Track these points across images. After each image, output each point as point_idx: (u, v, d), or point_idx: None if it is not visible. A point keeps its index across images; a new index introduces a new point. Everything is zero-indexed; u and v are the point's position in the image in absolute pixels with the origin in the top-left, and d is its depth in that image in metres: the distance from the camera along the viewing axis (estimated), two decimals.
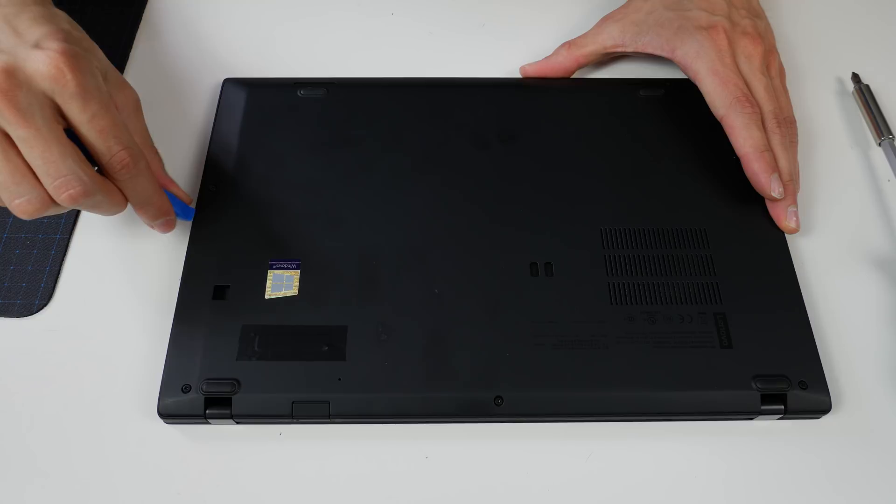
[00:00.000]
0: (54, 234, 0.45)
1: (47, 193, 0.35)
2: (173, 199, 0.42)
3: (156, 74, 0.51)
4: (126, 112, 0.39)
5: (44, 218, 0.45)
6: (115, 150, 0.36)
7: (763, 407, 0.38)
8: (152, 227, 0.42)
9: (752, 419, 0.39)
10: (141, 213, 0.40)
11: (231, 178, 0.44)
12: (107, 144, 0.36)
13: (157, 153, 0.42)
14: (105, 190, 0.37)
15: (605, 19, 0.51)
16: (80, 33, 0.38)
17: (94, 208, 0.38)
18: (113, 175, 0.37)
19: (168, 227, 0.42)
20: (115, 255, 0.44)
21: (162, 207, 0.40)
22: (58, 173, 0.34)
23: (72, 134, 0.36)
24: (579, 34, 0.51)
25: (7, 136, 0.34)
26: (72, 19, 0.39)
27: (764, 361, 0.39)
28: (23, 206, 0.35)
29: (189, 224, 0.43)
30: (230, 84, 0.49)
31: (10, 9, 0.36)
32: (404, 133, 0.46)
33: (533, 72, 0.50)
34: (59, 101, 0.34)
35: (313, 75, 0.50)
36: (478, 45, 0.53)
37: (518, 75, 0.51)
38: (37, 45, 0.34)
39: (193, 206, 0.43)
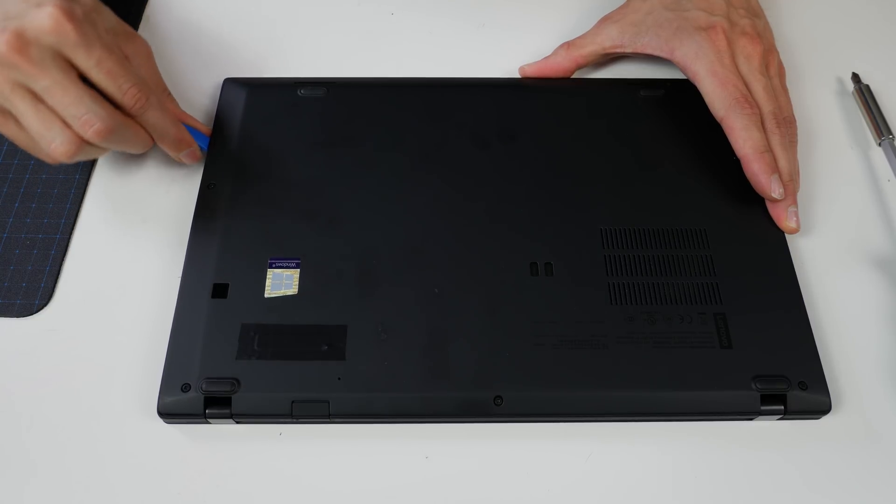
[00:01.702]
0: (54, 234, 0.45)
1: (77, 134, 0.39)
2: (193, 133, 0.45)
3: None
4: (138, 60, 0.43)
5: (44, 217, 0.45)
6: (125, 87, 0.40)
7: (763, 407, 0.38)
8: (179, 159, 0.45)
9: (751, 419, 0.39)
10: (163, 145, 0.44)
11: (231, 178, 0.44)
12: (116, 84, 0.39)
13: (170, 94, 0.46)
14: (127, 124, 0.41)
15: (604, 20, 0.51)
16: None
17: (122, 144, 0.41)
18: (129, 112, 0.41)
19: (193, 157, 0.45)
20: (114, 255, 0.44)
21: (181, 138, 0.44)
22: (79, 112, 0.38)
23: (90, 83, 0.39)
24: (579, 34, 0.51)
25: (31, 91, 0.38)
26: None
27: (764, 362, 0.39)
28: (59, 149, 0.39)
29: (189, 223, 0.43)
30: (230, 84, 0.49)
31: None
32: (404, 132, 0.46)
33: (532, 72, 0.50)
34: (66, 52, 0.38)
35: (313, 75, 0.50)
36: (478, 45, 0.53)
37: (518, 75, 0.51)
38: (39, 5, 0.37)
39: (209, 134, 0.46)
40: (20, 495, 0.37)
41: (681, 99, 0.48)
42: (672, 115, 0.48)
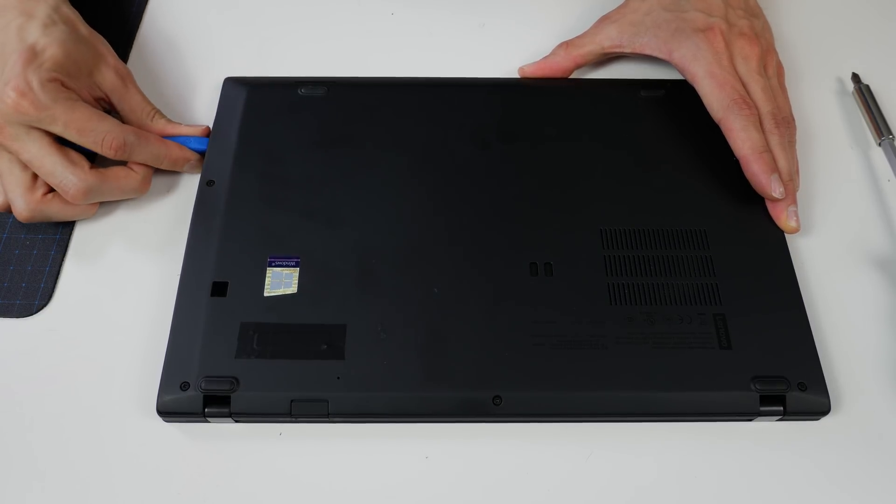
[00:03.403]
0: (54, 234, 0.45)
1: (37, 197, 0.42)
2: (190, 139, 0.46)
3: (156, 74, 0.51)
4: (117, 93, 0.45)
5: None
6: (100, 139, 0.41)
7: (762, 408, 0.38)
8: (183, 172, 0.47)
9: (751, 420, 0.39)
10: (164, 169, 0.45)
11: (231, 176, 0.44)
12: (90, 139, 0.41)
13: (156, 113, 0.46)
14: (106, 179, 0.42)
15: (603, 20, 0.51)
16: (48, 38, 0.41)
17: (111, 196, 0.44)
18: (116, 158, 0.42)
19: (198, 167, 0.46)
20: (114, 255, 0.44)
21: (176, 157, 0.45)
22: (55, 181, 0.41)
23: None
24: (578, 34, 0.51)
25: (20, 159, 0.41)
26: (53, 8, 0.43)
27: (763, 362, 0.39)
28: (19, 209, 0.42)
29: (188, 221, 0.43)
30: (230, 83, 0.49)
31: None
32: (404, 132, 0.46)
33: (531, 72, 0.50)
34: (35, 125, 0.40)
35: (313, 75, 0.50)
36: (478, 45, 0.53)
37: (518, 76, 0.51)
38: (5, 84, 0.39)
39: (206, 134, 0.47)
40: (21, 495, 0.37)
41: (681, 99, 0.48)
42: (672, 115, 0.48)
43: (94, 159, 0.44)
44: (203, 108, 0.50)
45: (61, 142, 0.41)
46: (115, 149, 0.42)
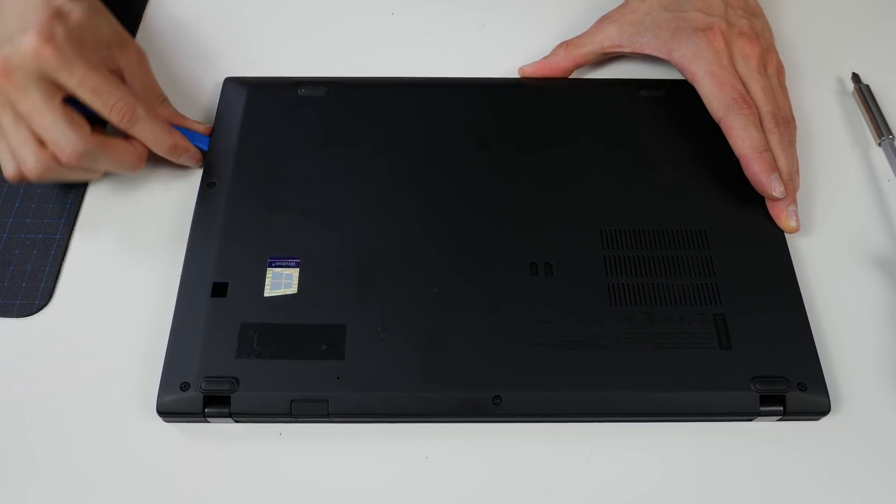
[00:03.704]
0: (54, 235, 0.45)
1: (51, 156, 0.40)
2: (192, 134, 0.46)
3: (156, 74, 0.51)
4: (131, 70, 0.44)
5: (44, 217, 0.45)
6: (111, 103, 0.41)
7: (762, 408, 0.38)
8: (180, 164, 0.46)
9: (750, 420, 0.39)
10: (160, 154, 0.44)
11: (231, 177, 0.44)
12: (101, 100, 0.40)
13: (165, 99, 0.46)
14: (107, 149, 0.42)
15: (603, 19, 0.51)
16: (73, 5, 0.41)
17: (104, 166, 0.43)
18: (118, 126, 0.42)
19: (193, 160, 0.46)
20: (114, 255, 0.44)
21: (176, 144, 0.44)
22: (52, 136, 0.40)
23: (79, 104, 0.41)
24: (578, 34, 0.51)
25: (16, 111, 0.40)
26: None
27: (763, 362, 0.39)
28: (28, 167, 0.40)
29: (189, 222, 0.43)
30: (230, 83, 0.49)
31: None
32: (404, 133, 0.46)
33: (531, 72, 0.50)
34: (51, 73, 0.39)
35: (313, 75, 0.50)
36: (478, 45, 0.53)
37: (518, 76, 0.51)
38: (23, 30, 0.39)
39: (209, 134, 0.47)
40: (21, 494, 0.37)
41: (681, 99, 0.48)
42: (672, 115, 0.48)
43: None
44: (203, 108, 0.49)
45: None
46: (123, 115, 0.41)
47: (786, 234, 0.43)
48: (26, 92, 0.39)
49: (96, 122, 0.42)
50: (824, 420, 0.39)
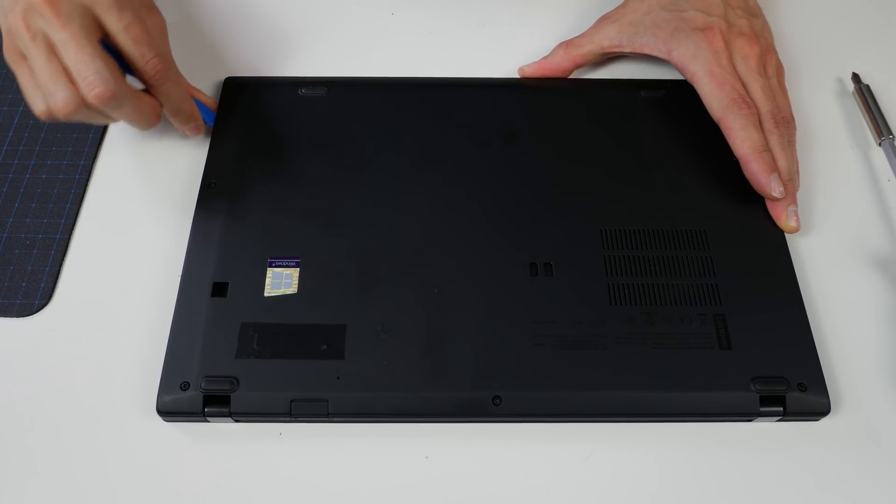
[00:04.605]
0: (54, 234, 0.45)
1: (79, 94, 0.39)
2: (201, 107, 0.46)
3: None
4: (156, 35, 0.43)
5: (44, 217, 0.45)
6: (149, 56, 0.41)
7: (762, 409, 0.38)
8: (184, 131, 0.46)
9: (751, 421, 0.39)
10: (173, 118, 0.45)
11: (231, 177, 0.44)
12: (140, 51, 0.40)
13: (179, 72, 0.45)
14: (133, 98, 0.41)
15: (603, 19, 0.51)
16: None
17: (125, 115, 0.42)
18: (147, 80, 0.42)
19: (197, 131, 0.47)
20: (114, 255, 0.44)
21: (192, 113, 0.45)
22: (87, 72, 0.38)
23: (113, 51, 0.40)
24: (578, 34, 0.51)
25: (50, 43, 0.39)
26: None
27: (763, 363, 0.39)
28: (58, 103, 0.39)
29: (189, 222, 0.43)
30: (231, 83, 0.49)
31: None
32: (404, 133, 0.46)
33: (531, 72, 0.50)
34: (98, 11, 0.39)
35: (313, 75, 0.50)
36: (478, 45, 0.53)
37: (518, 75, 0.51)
38: None
39: (215, 109, 0.48)
40: (21, 494, 0.37)
41: (681, 99, 0.48)
42: (672, 115, 0.48)
43: None
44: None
45: None
46: (156, 69, 0.41)
47: (786, 234, 0.43)
48: (69, 21, 0.38)
49: None
50: (824, 420, 0.39)
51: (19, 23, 0.39)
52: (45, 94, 0.39)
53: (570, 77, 0.51)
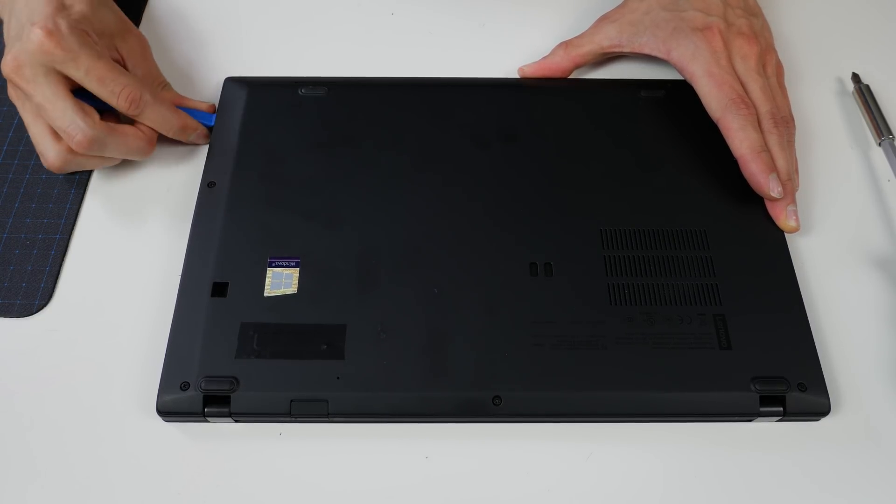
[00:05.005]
0: (54, 235, 0.45)
1: (66, 146, 0.42)
2: (198, 113, 0.47)
3: None
4: (133, 58, 0.46)
5: (44, 217, 0.45)
6: (117, 90, 0.42)
7: (762, 409, 0.38)
8: (190, 143, 0.47)
9: (750, 421, 0.39)
10: (169, 136, 0.46)
11: (231, 177, 0.44)
12: (108, 89, 0.42)
13: (167, 84, 0.48)
14: (115, 135, 0.42)
15: (602, 19, 0.51)
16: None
17: (115, 153, 0.43)
18: (127, 113, 0.43)
19: (202, 137, 0.47)
20: (114, 255, 0.44)
21: (184, 125, 0.46)
22: (63, 125, 0.41)
23: (88, 95, 0.42)
24: (578, 34, 0.51)
25: (34, 105, 0.41)
26: None
27: (763, 363, 0.39)
28: (50, 160, 0.42)
29: (189, 222, 0.43)
30: (231, 83, 0.49)
31: None
32: (404, 132, 0.46)
33: (531, 72, 0.50)
34: (57, 67, 0.40)
35: (313, 75, 0.50)
36: (478, 45, 0.53)
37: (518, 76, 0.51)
38: (32, 24, 0.40)
39: (213, 111, 0.48)
40: (21, 494, 0.37)
41: (681, 100, 0.48)
42: (672, 115, 0.48)
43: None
44: None
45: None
46: (131, 101, 0.42)
47: (786, 234, 0.43)
48: (36, 85, 0.40)
49: (106, 112, 0.43)
50: (824, 420, 0.39)
51: (10, 93, 0.43)
52: (41, 153, 0.43)
53: (570, 77, 0.51)
